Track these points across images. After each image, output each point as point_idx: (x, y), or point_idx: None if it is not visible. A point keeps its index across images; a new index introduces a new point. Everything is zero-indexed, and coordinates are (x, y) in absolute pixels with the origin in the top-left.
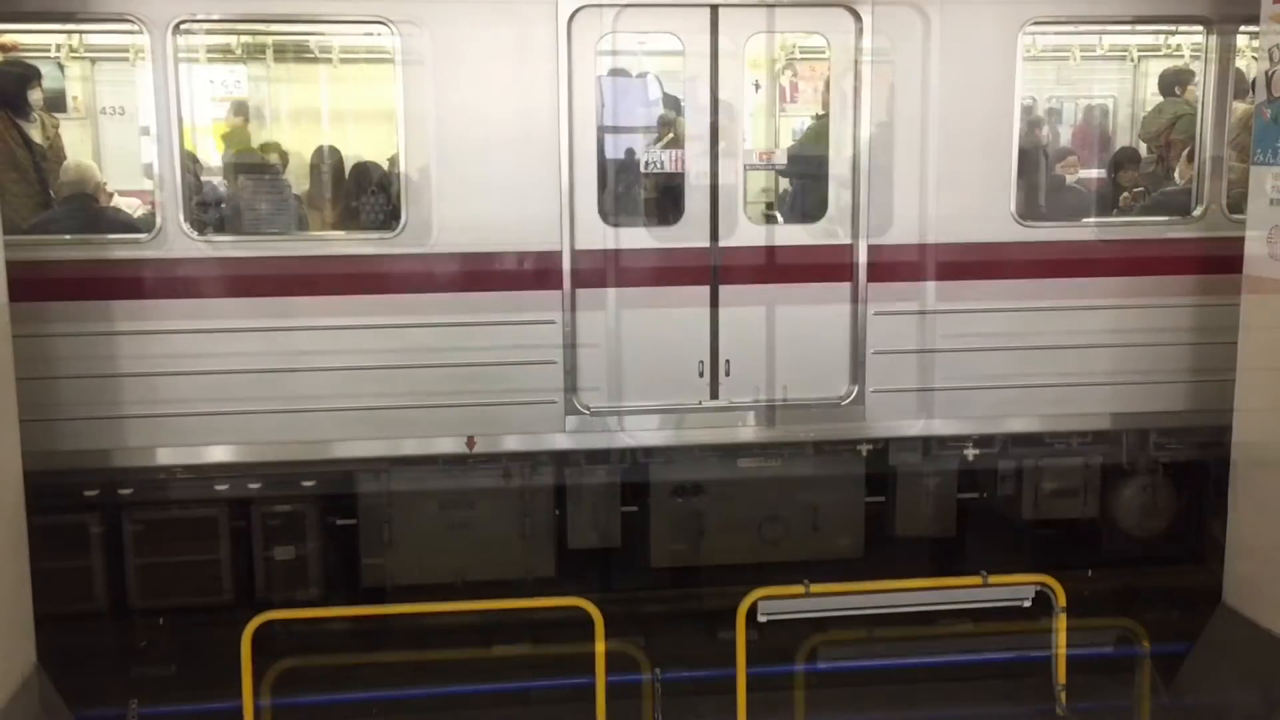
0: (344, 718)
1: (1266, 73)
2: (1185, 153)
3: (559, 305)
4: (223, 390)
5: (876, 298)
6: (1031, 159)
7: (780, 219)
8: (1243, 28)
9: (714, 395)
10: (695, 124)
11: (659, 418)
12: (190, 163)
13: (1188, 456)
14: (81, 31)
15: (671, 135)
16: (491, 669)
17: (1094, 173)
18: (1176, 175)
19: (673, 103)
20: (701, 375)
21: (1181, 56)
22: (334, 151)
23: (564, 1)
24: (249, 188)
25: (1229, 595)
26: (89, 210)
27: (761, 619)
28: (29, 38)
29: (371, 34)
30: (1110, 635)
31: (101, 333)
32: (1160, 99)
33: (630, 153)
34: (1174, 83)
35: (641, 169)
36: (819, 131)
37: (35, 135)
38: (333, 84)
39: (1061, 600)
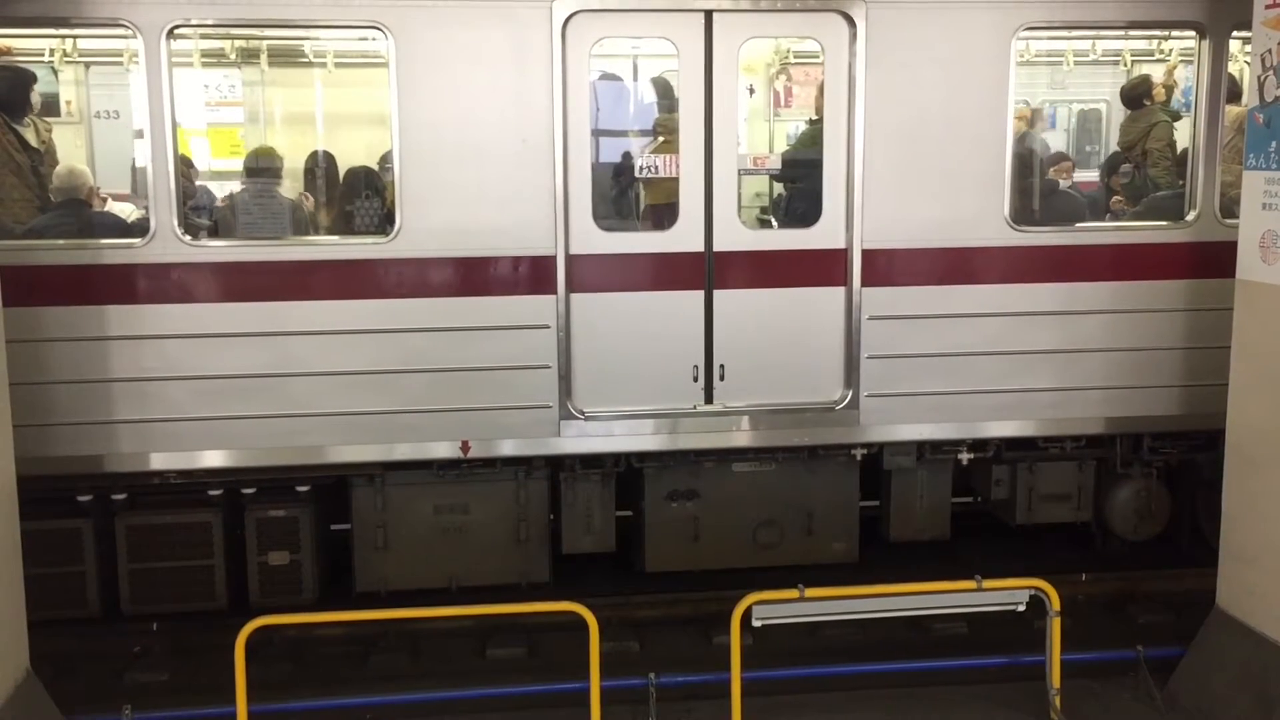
0: None
1: (1259, 78)
2: (1165, 159)
3: (553, 310)
4: (216, 395)
5: (871, 302)
6: (1025, 163)
7: (775, 223)
8: (1235, 33)
9: (709, 400)
10: (690, 128)
11: (653, 422)
12: (184, 167)
13: (1181, 460)
14: (75, 36)
15: (666, 140)
16: (486, 674)
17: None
18: (1152, 182)
19: (667, 107)
20: (696, 380)
21: (1182, 61)
22: (328, 156)
23: (559, 6)
24: (243, 193)
25: (1223, 598)
26: (82, 215)
27: (756, 623)
28: (23, 42)
29: (366, 39)
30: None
31: (96, 337)
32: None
33: (625, 157)
34: (1140, 94)
35: (636, 173)
36: (813, 136)
37: (30, 139)
38: (327, 89)
39: (1056, 604)
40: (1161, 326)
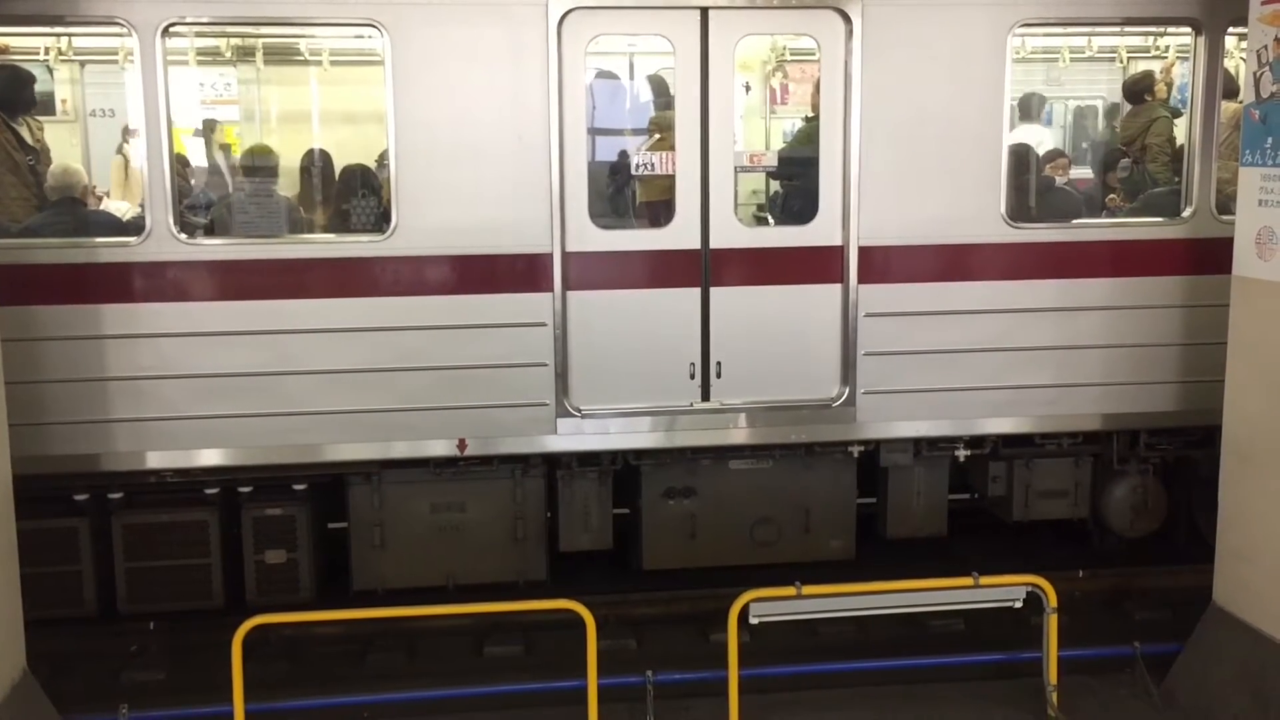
0: None
1: (1254, 74)
2: (1164, 155)
3: (550, 308)
4: (213, 393)
5: (867, 299)
6: (1021, 160)
7: (771, 221)
8: (1231, 29)
9: (705, 397)
10: (686, 126)
11: (650, 419)
12: (180, 166)
13: (1178, 457)
14: (70, 35)
15: (662, 137)
16: (483, 672)
17: None
18: (1150, 178)
19: (663, 105)
20: (693, 377)
21: (1179, 58)
22: (324, 154)
23: (554, 4)
24: (239, 190)
25: (1219, 595)
26: (77, 213)
27: (753, 621)
28: (18, 40)
29: (362, 36)
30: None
31: (92, 336)
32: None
33: (621, 155)
34: (1142, 89)
35: (632, 171)
36: (809, 133)
37: (24, 137)
38: (323, 87)
39: (1053, 601)
40: (1158, 323)
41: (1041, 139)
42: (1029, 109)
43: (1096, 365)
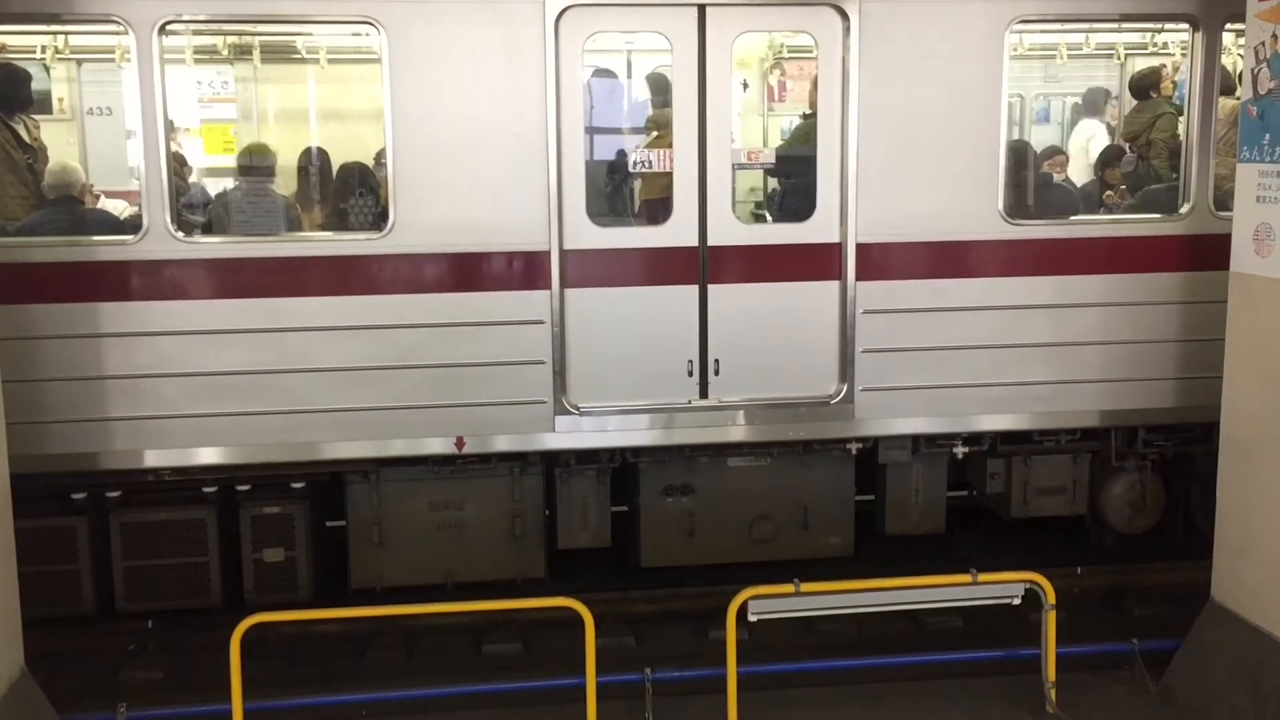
0: None
1: (1252, 70)
2: (1168, 150)
3: (548, 305)
4: (211, 391)
5: (865, 296)
6: (1019, 157)
7: (769, 218)
8: (1229, 25)
9: (703, 394)
10: (684, 123)
11: (648, 417)
12: (177, 164)
13: (1176, 453)
14: (67, 33)
15: (660, 135)
16: (482, 670)
17: None
18: (1154, 173)
19: (661, 102)
20: (691, 374)
21: (1170, 54)
22: (322, 153)
23: (551, 1)
24: (235, 190)
25: (1217, 591)
26: (74, 212)
27: (752, 618)
28: (14, 38)
29: (359, 34)
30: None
31: (90, 334)
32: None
33: (619, 153)
34: (1147, 85)
35: (630, 168)
36: (807, 131)
37: (22, 135)
38: (320, 85)
39: (1051, 598)
40: (1155, 320)
41: (1094, 133)
42: (1094, 103)
43: (1094, 362)
